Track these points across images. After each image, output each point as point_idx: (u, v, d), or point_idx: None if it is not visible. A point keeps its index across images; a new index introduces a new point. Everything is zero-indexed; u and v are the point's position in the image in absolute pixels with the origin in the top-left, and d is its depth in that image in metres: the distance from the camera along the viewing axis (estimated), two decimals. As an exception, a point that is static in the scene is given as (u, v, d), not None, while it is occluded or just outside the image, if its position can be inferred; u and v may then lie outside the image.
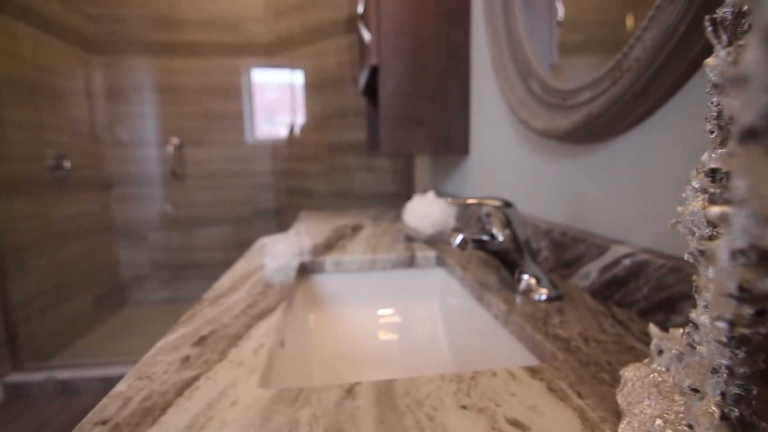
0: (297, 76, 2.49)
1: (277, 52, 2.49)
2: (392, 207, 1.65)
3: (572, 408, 0.30)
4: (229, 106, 2.60)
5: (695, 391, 0.22)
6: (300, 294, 0.70)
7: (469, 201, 0.57)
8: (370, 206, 1.94)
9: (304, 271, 0.77)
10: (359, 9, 1.26)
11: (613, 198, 0.54)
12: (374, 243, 0.91)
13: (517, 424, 0.28)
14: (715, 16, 0.21)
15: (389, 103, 1.07)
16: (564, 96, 0.61)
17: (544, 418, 0.29)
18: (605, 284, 0.53)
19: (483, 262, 0.74)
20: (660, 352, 0.30)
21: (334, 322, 0.77)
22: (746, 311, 0.17)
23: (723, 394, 0.20)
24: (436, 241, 0.92)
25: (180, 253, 2.67)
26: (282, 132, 2.65)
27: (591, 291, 0.55)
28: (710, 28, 0.21)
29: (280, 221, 2.63)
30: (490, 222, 0.61)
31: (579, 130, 0.57)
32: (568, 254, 0.61)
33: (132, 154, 2.56)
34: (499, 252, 0.59)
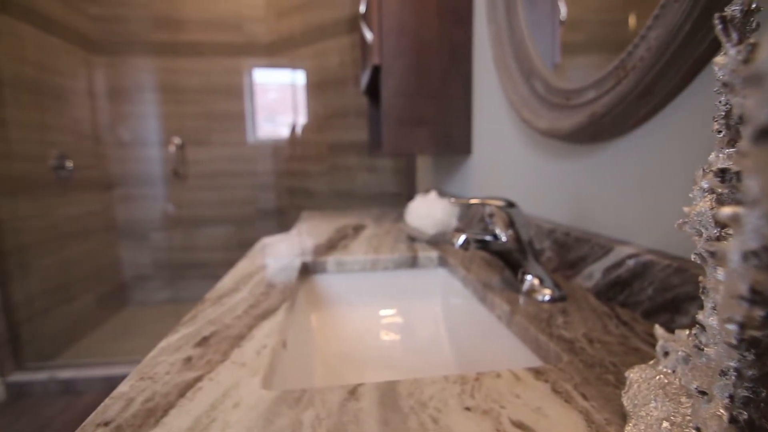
0: (298, 76, 2.49)
1: (278, 52, 2.49)
2: (394, 207, 1.65)
3: (577, 410, 0.30)
4: (231, 106, 2.61)
5: (703, 393, 0.22)
6: (302, 294, 0.70)
7: (472, 201, 0.57)
8: (371, 206, 1.94)
9: (306, 271, 0.77)
10: (361, 8, 1.25)
11: (616, 198, 0.54)
12: (376, 243, 0.91)
13: (522, 426, 0.28)
14: (725, 14, 0.21)
15: (391, 102, 1.07)
16: (567, 95, 0.61)
17: (549, 420, 0.29)
18: (609, 285, 0.52)
19: (486, 262, 0.74)
20: (666, 354, 0.29)
21: (337, 322, 0.76)
22: (757, 313, 0.16)
23: (731, 396, 0.20)
24: (438, 242, 0.91)
25: (182, 253, 2.67)
26: (283, 132, 2.65)
27: (595, 292, 0.55)
28: (720, 26, 0.21)
29: (282, 221, 2.63)
30: (492, 222, 0.61)
31: (583, 130, 0.56)
32: (572, 255, 0.60)
33: (134, 154, 2.57)
34: (502, 252, 0.58)
